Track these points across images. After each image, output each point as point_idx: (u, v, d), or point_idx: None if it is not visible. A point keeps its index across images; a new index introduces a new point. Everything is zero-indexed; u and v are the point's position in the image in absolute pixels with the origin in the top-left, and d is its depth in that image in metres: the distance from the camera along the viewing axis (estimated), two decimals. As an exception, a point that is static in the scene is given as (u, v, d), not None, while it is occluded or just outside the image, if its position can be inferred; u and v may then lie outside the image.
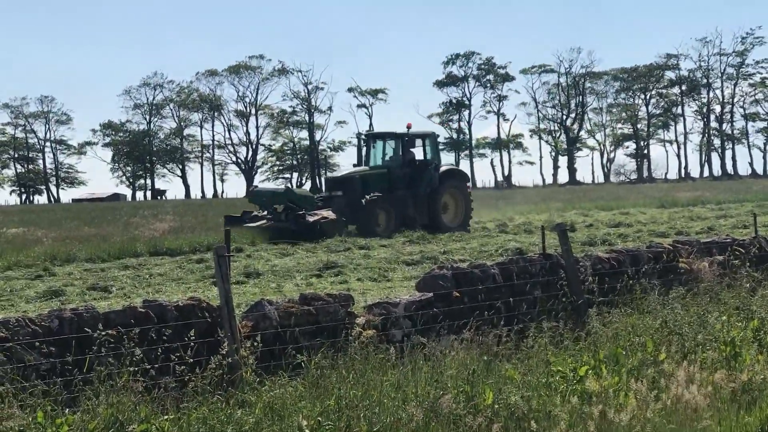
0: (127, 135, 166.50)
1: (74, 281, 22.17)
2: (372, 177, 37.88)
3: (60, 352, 8.39)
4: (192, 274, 22.98)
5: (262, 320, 9.88)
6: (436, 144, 41.25)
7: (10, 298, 19.49)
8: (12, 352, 8.17)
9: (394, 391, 8.80)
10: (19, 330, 8.33)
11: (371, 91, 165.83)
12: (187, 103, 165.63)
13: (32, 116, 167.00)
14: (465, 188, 40.24)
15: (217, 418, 7.98)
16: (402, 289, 17.98)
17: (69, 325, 8.62)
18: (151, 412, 7.87)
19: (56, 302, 18.58)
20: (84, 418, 7.58)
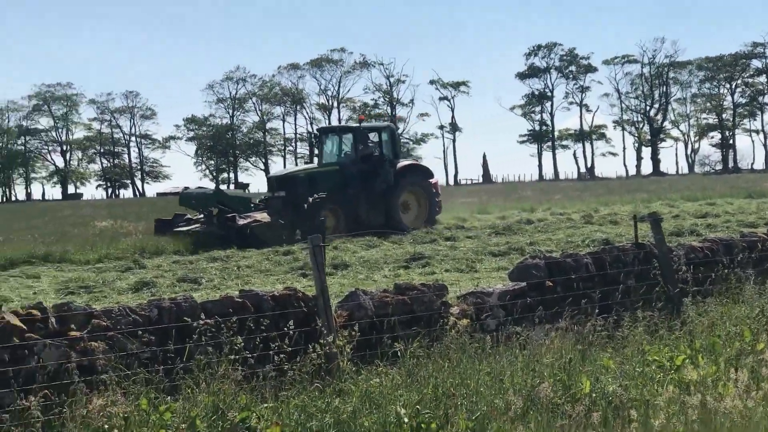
0: (211, 129, 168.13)
1: (164, 273, 22.46)
2: (321, 175, 35.00)
3: (160, 340, 8.49)
4: (279, 266, 23.14)
5: (357, 310, 9.91)
6: (395, 138, 37.66)
7: (103, 289, 19.78)
8: (114, 340, 8.29)
9: (491, 380, 8.78)
10: (120, 319, 8.45)
11: (453, 84, 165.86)
12: (270, 97, 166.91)
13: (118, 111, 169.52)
14: (428, 185, 36.79)
15: (315, 407, 8.02)
16: (490, 280, 17.93)
17: (168, 314, 8.73)
18: (251, 400, 7.94)
19: (147, 293, 18.83)
20: (186, 405, 7.67)
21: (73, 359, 7.96)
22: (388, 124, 38.86)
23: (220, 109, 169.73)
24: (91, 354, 8.10)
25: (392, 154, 36.17)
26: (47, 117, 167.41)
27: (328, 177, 34.67)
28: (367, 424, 7.72)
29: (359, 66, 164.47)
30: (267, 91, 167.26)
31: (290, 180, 34.63)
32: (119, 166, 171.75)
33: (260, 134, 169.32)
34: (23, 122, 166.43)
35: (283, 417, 7.70)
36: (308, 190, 33.22)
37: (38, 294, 19.56)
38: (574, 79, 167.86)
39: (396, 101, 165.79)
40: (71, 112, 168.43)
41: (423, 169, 38.02)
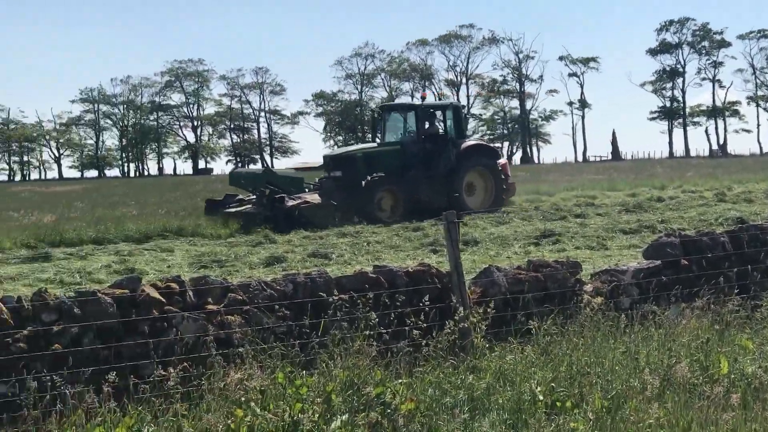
0: (339, 105, 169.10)
1: (294, 248, 22.65)
2: (380, 155, 33.15)
3: (295, 315, 8.56)
4: (409, 242, 23.19)
5: (491, 286, 9.87)
6: (460, 116, 35.44)
7: (235, 263, 20.02)
8: (250, 314, 8.40)
9: (626, 359, 8.67)
10: (257, 293, 8.55)
11: (583, 60, 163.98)
12: (398, 73, 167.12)
13: (247, 87, 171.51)
14: (495, 166, 34.39)
15: (449, 383, 8.02)
16: (621, 257, 17.73)
17: (303, 289, 8.80)
18: (385, 375, 7.96)
19: (278, 268, 19.02)
20: (321, 380, 7.72)
21: (211, 332, 8.08)
22: (452, 102, 36.63)
23: (348, 84, 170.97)
24: (227, 327, 8.21)
25: (457, 134, 34.35)
26: (179, 93, 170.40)
27: (387, 157, 33.04)
28: (501, 401, 7.69)
29: (488, 42, 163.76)
30: (395, 66, 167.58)
31: (347, 159, 33.20)
32: (248, 142, 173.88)
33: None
34: (156, 98, 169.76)
35: (418, 393, 7.71)
36: (366, 170, 31.88)
37: (172, 267, 19.90)
38: (706, 55, 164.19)
39: (525, 77, 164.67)
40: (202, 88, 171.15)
41: (489, 150, 36.02)
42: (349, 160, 32.94)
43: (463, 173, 33.21)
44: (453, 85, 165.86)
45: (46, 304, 7.72)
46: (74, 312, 7.71)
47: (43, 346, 7.50)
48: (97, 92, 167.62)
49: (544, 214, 30.07)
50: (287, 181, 33.12)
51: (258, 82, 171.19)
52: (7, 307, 7.61)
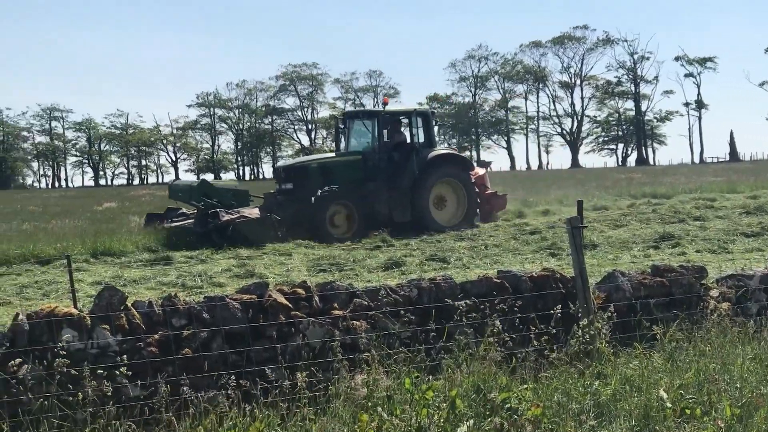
0: (453, 107, 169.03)
1: (412, 252, 22.68)
2: (338, 166, 30.02)
3: (420, 320, 8.59)
4: (527, 245, 23.07)
5: (615, 291, 9.79)
6: (429, 123, 31.44)
7: (353, 267, 20.12)
8: (375, 319, 8.45)
9: (755, 366, 8.53)
10: (382, 299, 8.60)
11: (699, 60, 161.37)
12: (512, 75, 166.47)
13: (361, 90, 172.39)
14: (467, 177, 30.88)
15: (574, 389, 7.97)
16: (743, 262, 17.41)
17: (428, 294, 8.83)
18: (510, 381, 7.94)
19: (397, 272, 19.08)
20: (446, 385, 7.74)
21: (337, 337, 8.14)
22: (417, 108, 32.19)
23: (462, 87, 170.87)
24: (353, 332, 8.28)
25: (427, 142, 30.99)
26: (293, 96, 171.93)
27: (346, 168, 29.97)
28: (628, 408, 7.61)
29: (602, 43, 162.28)
30: (509, 69, 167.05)
31: (299, 170, 30.20)
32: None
33: (502, 112, 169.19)
34: (270, 102, 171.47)
35: (543, 399, 7.68)
36: (321, 182, 28.92)
37: (291, 271, 20.06)
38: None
39: (640, 78, 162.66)
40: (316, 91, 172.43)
41: (460, 159, 31.91)
42: (301, 171, 30.14)
43: (429, 185, 29.92)
44: (567, 87, 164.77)
45: (176, 309, 7.87)
46: (203, 317, 7.85)
47: (174, 350, 7.63)
48: (213, 96, 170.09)
49: (662, 216, 29.65)
50: (228, 193, 30.43)
51: (372, 85, 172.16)
52: (139, 311, 7.77)
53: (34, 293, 18.01)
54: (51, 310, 7.50)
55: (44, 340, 7.33)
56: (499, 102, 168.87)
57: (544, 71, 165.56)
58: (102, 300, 7.69)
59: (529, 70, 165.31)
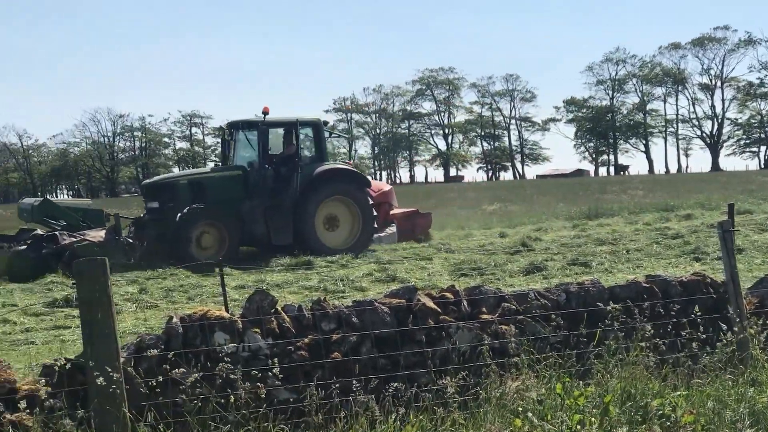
0: (590, 111, 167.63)
1: (553, 256, 22.51)
2: (213, 182, 27.04)
3: (569, 325, 8.51)
4: (670, 249, 22.69)
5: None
6: (320, 135, 28.33)
7: (494, 272, 20.04)
8: (525, 324, 8.39)
9: None
10: (531, 303, 8.54)
11: None
12: (650, 78, 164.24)
13: (498, 95, 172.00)
14: (362, 195, 27.59)
15: (728, 396, 7.80)
16: None
17: (576, 298, 8.74)
18: (662, 387, 7.81)
19: (539, 276, 18.95)
20: (597, 390, 7.64)
21: (485, 341, 8.10)
22: (301, 118, 28.13)
23: (599, 90, 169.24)
24: (502, 337, 8.23)
25: (318, 156, 28.14)
26: (430, 101, 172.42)
27: (222, 184, 26.94)
28: (785, 416, 7.43)
29: (744, 44, 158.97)
30: (647, 71, 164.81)
31: (165, 188, 27.14)
32: (499, 149, 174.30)
33: (640, 116, 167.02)
34: (407, 107, 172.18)
35: (696, 406, 7.53)
36: (191, 200, 26.22)
37: (432, 276, 20.08)
38: None
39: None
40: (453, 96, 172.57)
41: (353, 175, 28.19)
42: (167, 188, 27.04)
43: (315, 204, 26.85)
44: (707, 89, 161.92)
45: (325, 314, 7.92)
46: (353, 321, 7.89)
47: (323, 354, 7.68)
48: (350, 101, 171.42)
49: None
50: (78, 213, 27.30)
51: (508, 89, 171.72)
52: (289, 315, 7.84)
53: (180, 297, 18.36)
54: (203, 314, 7.61)
55: (197, 343, 7.44)
56: (637, 105, 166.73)
57: (683, 73, 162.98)
58: (253, 304, 7.78)
59: (668, 73, 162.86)
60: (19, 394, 6.97)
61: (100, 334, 6.87)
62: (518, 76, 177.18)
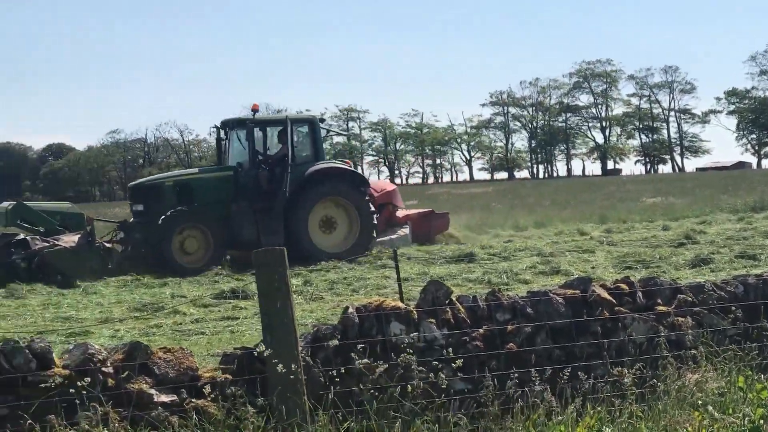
0: (753, 102, 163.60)
1: (719, 249, 22.07)
2: (201, 183, 26.09)
3: (748, 317, 8.34)
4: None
5: None
6: (316, 134, 26.92)
7: (660, 264, 19.77)
8: (701, 316, 8.26)
9: None
10: (708, 294, 8.41)
11: None
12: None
13: (656, 86, 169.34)
14: (359, 195, 26.29)
15: None
16: None
17: (754, 290, 8.57)
18: None
19: (706, 270, 18.64)
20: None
21: (662, 333, 7.99)
22: (293, 115, 27.63)
23: (762, 80, 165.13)
24: (678, 329, 8.12)
25: (313, 155, 26.76)
26: (587, 94, 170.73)
27: (210, 185, 25.99)
28: None
29: None
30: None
31: (150, 189, 26.11)
32: (658, 142, 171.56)
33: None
34: (564, 99, 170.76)
35: None
36: (178, 203, 25.20)
37: (596, 268, 19.95)
38: None
39: None
40: (610, 88, 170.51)
41: (349, 175, 26.95)
42: (152, 190, 26.02)
43: (308, 206, 25.71)
44: None
45: (500, 304, 7.91)
46: (527, 312, 7.87)
47: (498, 344, 7.68)
48: (507, 95, 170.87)
49: None
50: (55, 216, 25.64)
51: (667, 81, 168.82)
52: (464, 306, 7.86)
53: (344, 289, 18.59)
54: (379, 304, 7.68)
55: (373, 333, 7.51)
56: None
57: None
58: (428, 294, 7.81)
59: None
60: (201, 381, 7.14)
61: (279, 324, 7.01)
62: (677, 68, 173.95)
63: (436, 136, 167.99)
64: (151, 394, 6.94)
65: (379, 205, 27.49)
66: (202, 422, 6.73)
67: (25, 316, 17.09)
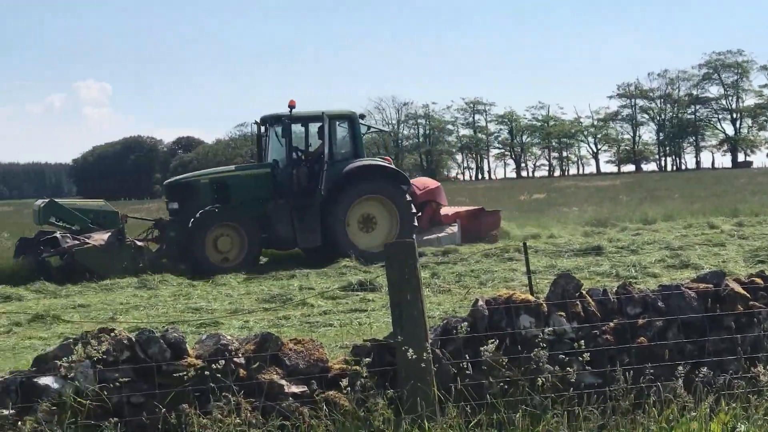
0: None
1: None
2: (237, 181, 25.79)
3: None
4: None
5: None
6: (355, 130, 26.33)
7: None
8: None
9: None
10: None
11: None
12: None
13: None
14: (399, 193, 25.64)
15: None
16: None
17: None
18: None
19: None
20: None
21: (798, 329, 7.84)
22: (330, 111, 26.04)
23: None
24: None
25: (352, 152, 26.16)
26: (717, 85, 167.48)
27: (247, 183, 25.70)
28: None
29: None
30: None
31: (185, 187, 25.77)
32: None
33: None
34: (693, 91, 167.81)
35: None
36: (214, 201, 24.92)
37: (727, 262, 19.61)
38: None
39: None
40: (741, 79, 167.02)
41: (388, 172, 26.24)
42: (187, 188, 25.70)
43: (346, 203, 25.29)
44: None
45: (630, 298, 7.83)
46: (658, 305, 7.77)
47: (628, 338, 7.60)
48: (634, 87, 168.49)
49: None
50: (88, 214, 25.55)
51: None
52: (594, 299, 7.80)
53: (471, 281, 18.59)
54: (509, 297, 7.66)
55: (503, 325, 7.50)
56: None
57: None
58: (557, 287, 7.77)
59: None
60: (331, 372, 7.21)
61: (409, 315, 7.06)
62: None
63: (563, 129, 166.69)
64: (281, 384, 7.03)
65: (422, 203, 27.29)
66: (333, 413, 6.80)
67: (157, 306, 17.47)
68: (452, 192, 70.63)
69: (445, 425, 6.70)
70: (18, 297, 19.62)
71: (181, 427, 6.55)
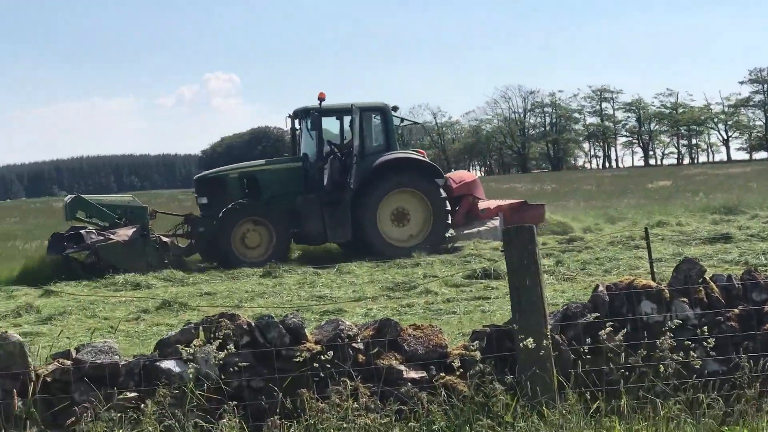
0: None
1: None
2: (266, 175, 25.42)
3: None
4: None
5: None
6: (387, 123, 25.68)
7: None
8: None
9: None
10: None
11: None
12: None
13: None
14: (433, 187, 25.10)
15: None
16: None
17: None
18: None
19: None
20: None
21: None
22: (359, 104, 25.41)
23: None
24: None
25: (385, 146, 25.56)
26: None
27: (277, 178, 25.39)
28: None
29: None
30: None
31: (214, 182, 25.63)
32: None
33: None
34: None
35: None
36: (244, 195, 24.98)
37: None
38: None
39: None
40: None
41: (422, 165, 25.66)
42: (216, 182, 25.56)
43: (377, 197, 24.77)
44: None
45: (756, 284, 7.67)
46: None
47: (754, 325, 7.44)
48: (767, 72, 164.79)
49: None
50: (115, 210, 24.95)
51: None
52: (718, 285, 7.66)
53: (596, 269, 18.42)
54: (630, 282, 7.57)
55: (624, 311, 7.41)
56: None
57: None
58: (680, 273, 7.64)
59: None
60: (449, 358, 7.21)
61: (527, 301, 7.04)
62: None
63: (692, 116, 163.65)
64: (400, 370, 7.07)
65: (458, 197, 26.67)
66: (451, 399, 6.80)
67: (282, 294, 17.69)
68: (579, 180, 70.25)
69: (564, 411, 6.64)
70: (147, 285, 20.13)
71: (298, 411, 6.62)
